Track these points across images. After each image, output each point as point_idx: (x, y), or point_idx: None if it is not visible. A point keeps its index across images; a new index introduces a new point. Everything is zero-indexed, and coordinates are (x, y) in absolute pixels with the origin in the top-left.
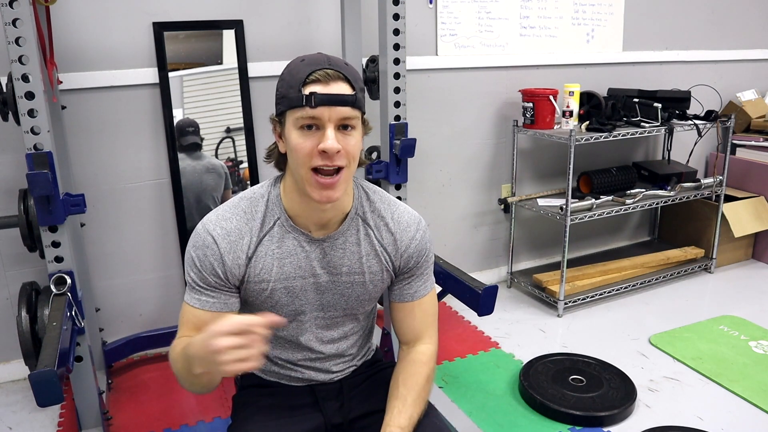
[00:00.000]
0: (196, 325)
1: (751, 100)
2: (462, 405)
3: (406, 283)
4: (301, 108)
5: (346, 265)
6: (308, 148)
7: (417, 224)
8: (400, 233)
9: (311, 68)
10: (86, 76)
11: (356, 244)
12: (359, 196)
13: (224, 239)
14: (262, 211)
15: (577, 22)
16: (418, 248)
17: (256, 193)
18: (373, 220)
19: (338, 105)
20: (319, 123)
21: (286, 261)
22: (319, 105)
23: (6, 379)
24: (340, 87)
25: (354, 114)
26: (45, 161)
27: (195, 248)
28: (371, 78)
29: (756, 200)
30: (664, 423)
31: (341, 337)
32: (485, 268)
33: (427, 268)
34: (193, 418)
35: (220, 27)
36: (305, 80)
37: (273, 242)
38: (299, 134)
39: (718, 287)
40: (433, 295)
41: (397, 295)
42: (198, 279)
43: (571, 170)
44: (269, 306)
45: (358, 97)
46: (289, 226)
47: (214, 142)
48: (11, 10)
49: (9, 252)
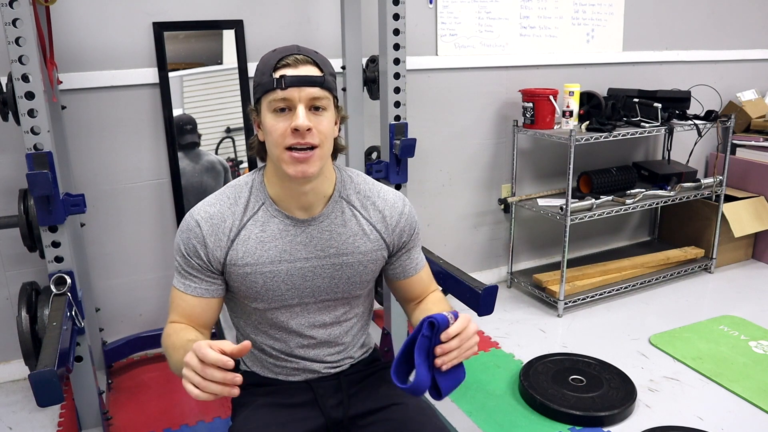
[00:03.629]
0: (184, 309)
1: (751, 100)
2: (462, 405)
3: (406, 257)
4: (272, 91)
5: (333, 247)
6: (282, 129)
7: (402, 200)
8: (388, 210)
9: (281, 55)
10: (86, 76)
11: (342, 226)
12: (341, 179)
13: (207, 222)
14: (245, 197)
15: (577, 22)
16: (408, 221)
17: (241, 180)
18: (360, 200)
19: (307, 86)
20: (291, 104)
21: (270, 244)
22: (289, 86)
23: (6, 379)
24: (308, 69)
25: (323, 94)
26: (45, 161)
27: (181, 232)
28: (371, 78)
29: (756, 200)
30: (664, 423)
31: (333, 323)
32: (485, 268)
33: (418, 241)
34: (193, 418)
35: (220, 27)
36: (276, 65)
37: (257, 226)
38: (273, 117)
39: (718, 287)
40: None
41: (400, 273)
42: (183, 263)
43: (571, 170)
44: (255, 291)
45: (326, 79)
46: (273, 210)
47: (214, 142)
48: (11, 10)
49: (9, 252)
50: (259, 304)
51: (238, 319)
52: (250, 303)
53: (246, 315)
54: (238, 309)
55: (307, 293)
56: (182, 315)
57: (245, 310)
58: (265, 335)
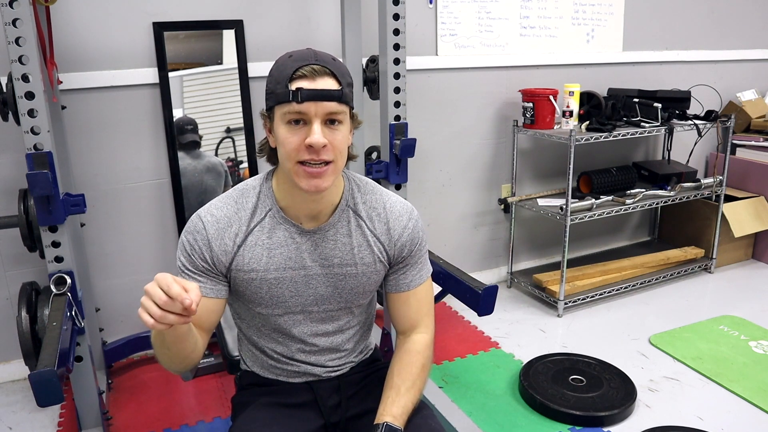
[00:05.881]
0: None
1: (751, 100)
2: (462, 405)
3: (402, 273)
4: (288, 103)
5: (337, 257)
6: (295, 143)
7: (409, 213)
8: (393, 222)
9: (298, 64)
10: (86, 76)
11: (347, 236)
12: (350, 188)
13: (213, 225)
14: (253, 202)
15: (577, 22)
16: (411, 237)
17: (248, 185)
18: (365, 211)
19: (324, 100)
20: (306, 118)
21: (276, 252)
22: (306, 100)
23: (6, 379)
24: (326, 82)
25: (340, 109)
26: (45, 161)
27: (186, 233)
28: (371, 78)
29: (756, 200)
30: (664, 423)
31: (336, 331)
32: (485, 268)
33: (420, 257)
34: (193, 418)
35: (220, 27)
36: (292, 76)
37: (263, 233)
38: (287, 129)
39: (718, 287)
40: (429, 284)
41: (392, 286)
42: (187, 263)
43: (571, 170)
44: (259, 297)
45: (344, 92)
46: (280, 218)
47: (214, 142)
48: (11, 10)
49: (9, 252)
50: (263, 309)
51: (241, 321)
52: (254, 307)
53: (249, 317)
54: (242, 311)
55: (310, 301)
56: None
57: (249, 313)
58: (267, 338)
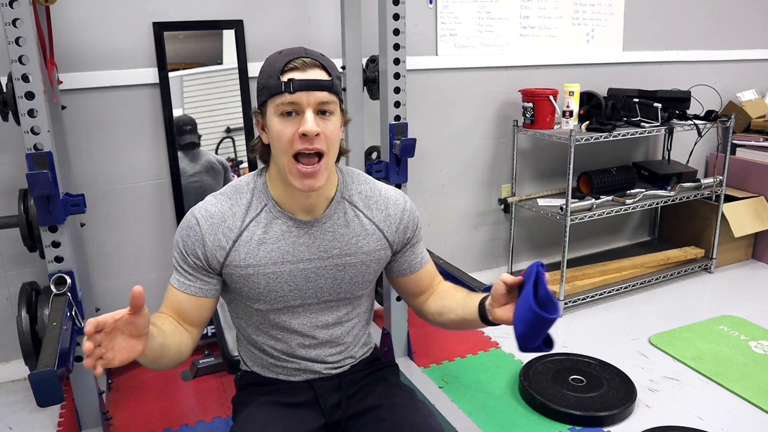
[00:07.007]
0: (174, 304)
1: (751, 100)
2: (462, 405)
3: (411, 253)
4: (280, 95)
5: (336, 248)
6: (289, 134)
7: (403, 197)
8: (391, 208)
9: (289, 57)
10: (86, 76)
11: (345, 226)
12: (343, 180)
13: (206, 221)
14: (247, 198)
15: (577, 22)
16: (411, 217)
17: (242, 181)
18: (361, 200)
19: (316, 90)
20: (299, 108)
21: (273, 246)
22: (298, 90)
23: (6, 379)
24: (317, 73)
25: (331, 99)
26: (45, 161)
27: (180, 230)
28: (371, 78)
29: (756, 200)
30: (664, 423)
31: (335, 323)
32: (485, 268)
33: (422, 235)
34: (193, 418)
35: (220, 27)
36: (283, 68)
37: (259, 227)
38: (280, 121)
39: (718, 287)
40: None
41: (407, 269)
42: (180, 260)
43: (571, 170)
44: (257, 293)
45: (334, 83)
46: (276, 212)
47: (214, 142)
48: (11, 10)
49: (9, 252)
50: (262, 305)
51: (240, 320)
52: (252, 304)
53: (247, 316)
54: (240, 310)
55: (309, 294)
56: (171, 310)
57: (247, 311)
58: (267, 336)
